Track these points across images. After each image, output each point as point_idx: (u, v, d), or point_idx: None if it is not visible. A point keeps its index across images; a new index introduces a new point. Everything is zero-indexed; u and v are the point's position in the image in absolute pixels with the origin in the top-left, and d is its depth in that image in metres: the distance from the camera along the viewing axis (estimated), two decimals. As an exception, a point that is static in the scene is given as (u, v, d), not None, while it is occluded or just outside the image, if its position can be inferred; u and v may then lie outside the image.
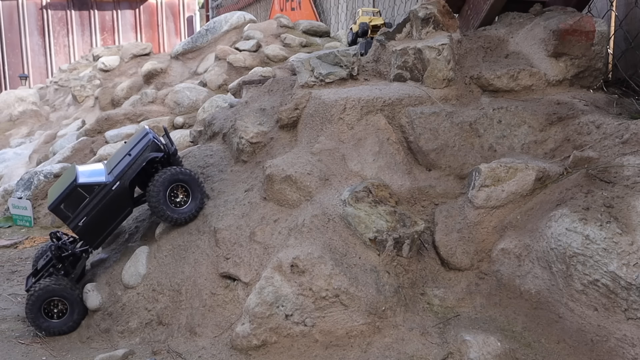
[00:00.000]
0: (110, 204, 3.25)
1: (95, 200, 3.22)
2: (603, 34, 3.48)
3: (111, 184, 3.24)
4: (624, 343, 2.23)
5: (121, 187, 3.25)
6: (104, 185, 3.23)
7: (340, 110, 3.25)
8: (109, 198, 3.24)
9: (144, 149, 3.32)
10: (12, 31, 17.37)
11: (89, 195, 3.20)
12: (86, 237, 3.30)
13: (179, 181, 3.29)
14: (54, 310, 3.27)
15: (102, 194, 3.23)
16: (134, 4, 18.52)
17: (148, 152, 3.31)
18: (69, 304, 3.26)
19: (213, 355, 2.69)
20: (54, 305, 3.27)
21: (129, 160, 3.29)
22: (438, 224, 2.89)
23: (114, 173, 3.28)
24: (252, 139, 3.61)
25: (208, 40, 8.75)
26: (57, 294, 3.24)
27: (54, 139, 8.79)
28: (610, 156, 2.75)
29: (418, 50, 3.46)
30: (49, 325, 3.25)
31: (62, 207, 3.20)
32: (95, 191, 3.22)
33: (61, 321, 3.27)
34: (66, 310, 3.27)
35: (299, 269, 2.66)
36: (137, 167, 3.28)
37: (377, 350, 2.52)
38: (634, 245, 2.29)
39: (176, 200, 3.30)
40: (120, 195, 3.26)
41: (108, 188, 3.23)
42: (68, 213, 3.21)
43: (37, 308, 3.22)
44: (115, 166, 3.34)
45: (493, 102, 3.33)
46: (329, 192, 2.99)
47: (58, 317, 3.27)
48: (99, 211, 3.23)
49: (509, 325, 2.49)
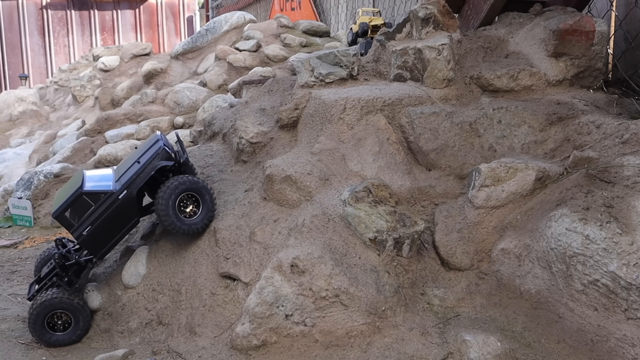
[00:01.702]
0: (117, 214, 3.11)
1: (100, 209, 3.08)
2: (603, 34, 3.48)
3: (118, 193, 3.10)
4: (624, 343, 2.23)
5: (128, 197, 3.10)
6: (111, 193, 3.10)
7: (340, 110, 3.25)
8: (115, 207, 3.10)
9: (153, 156, 3.17)
10: (12, 31, 17.38)
11: (95, 204, 3.08)
12: (90, 247, 3.17)
13: (189, 190, 3.12)
14: (57, 322, 3.16)
15: (108, 202, 3.09)
16: (134, 4, 18.52)
17: (158, 160, 3.16)
18: (72, 315, 3.15)
19: (213, 355, 2.69)
20: (57, 317, 3.16)
21: (138, 168, 3.14)
22: (438, 224, 2.89)
23: (122, 181, 3.15)
24: (252, 139, 3.61)
25: (208, 40, 8.75)
26: (59, 306, 3.13)
27: (54, 139, 8.79)
28: (610, 156, 2.75)
29: (418, 50, 3.46)
30: (57, 339, 3.14)
31: (67, 214, 3.08)
32: (101, 199, 3.08)
33: (67, 333, 3.16)
34: (71, 321, 3.16)
35: (299, 269, 2.66)
36: (145, 176, 3.13)
37: (377, 350, 2.52)
38: (634, 245, 2.29)
39: (186, 211, 3.15)
40: (127, 205, 3.12)
41: (114, 197, 3.09)
42: (72, 221, 3.08)
43: (41, 323, 3.12)
44: (123, 173, 3.20)
45: (493, 102, 3.33)
46: (329, 192, 2.99)
47: (63, 328, 3.16)
48: (104, 220, 3.09)
49: (509, 325, 2.49)
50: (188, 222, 3.13)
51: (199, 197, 3.15)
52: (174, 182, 3.10)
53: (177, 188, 3.09)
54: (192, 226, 3.14)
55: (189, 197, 3.15)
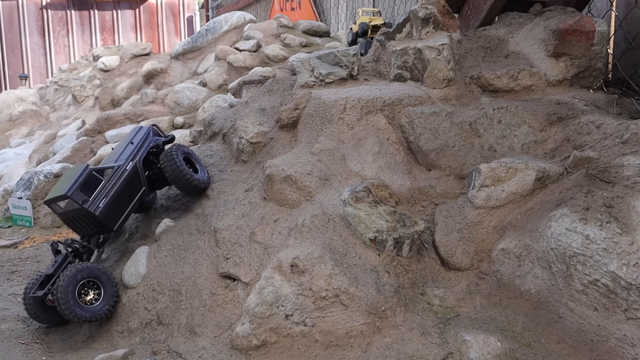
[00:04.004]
0: (126, 184, 3.33)
1: (111, 183, 3.29)
2: (603, 34, 3.48)
3: (124, 165, 3.34)
4: (624, 343, 2.23)
5: (134, 167, 3.36)
6: (118, 167, 3.33)
7: (340, 110, 3.25)
8: (125, 179, 3.32)
9: (146, 134, 3.49)
10: (12, 31, 17.38)
11: (104, 178, 3.29)
12: (108, 218, 3.29)
13: (185, 154, 3.49)
14: (86, 299, 3.13)
15: (117, 175, 3.31)
16: (134, 4, 18.52)
17: (151, 136, 3.50)
18: (102, 285, 3.16)
19: (213, 355, 2.69)
20: (85, 292, 3.13)
21: (134, 146, 3.42)
22: (438, 224, 2.89)
23: (122, 158, 3.38)
24: (252, 139, 3.61)
25: (208, 40, 8.75)
26: (88, 275, 3.12)
27: (54, 139, 8.79)
28: (610, 156, 2.74)
29: (418, 50, 3.46)
30: (90, 311, 3.08)
31: (80, 191, 3.22)
32: (110, 174, 3.31)
33: (97, 305, 3.12)
34: (101, 292, 3.15)
35: (299, 269, 2.66)
36: (145, 149, 3.44)
37: (377, 350, 2.52)
38: (634, 245, 2.29)
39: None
40: (135, 175, 3.36)
41: (122, 169, 3.33)
42: (86, 197, 3.22)
43: (72, 292, 3.05)
44: (119, 156, 3.42)
45: (493, 102, 3.33)
46: (329, 192, 2.99)
47: (91, 303, 3.13)
48: (116, 192, 3.29)
49: (509, 325, 2.49)
50: (196, 177, 3.48)
51: (195, 162, 3.54)
52: (175, 149, 3.44)
53: (180, 152, 3.44)
54: (202, 181, 3.53)
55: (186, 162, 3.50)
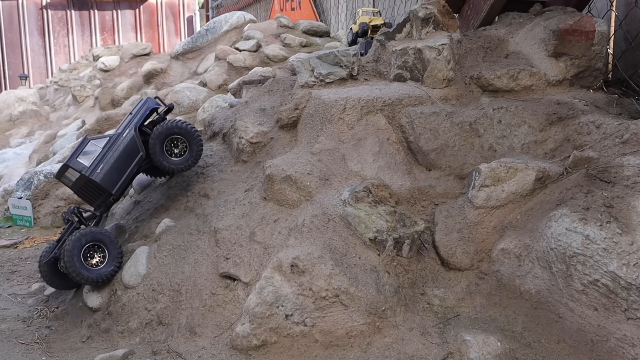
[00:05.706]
0: (124, 150, 3.43)
1: (109, 149, 3.41)
2: (603, 34, 3.48)
3: (121, 132, 3.47)
4: (624, 343, 2.23)
5: (131, 134, 3.46)
6: (115, 135, 3.46)
7: (340, 110, 3.25)
8: (122, 145, 3.43)
9: (143, 103, 3.61)
10: (12, 31, 17.37)
11: (101, 146, 3.42)
12: (107, 182, 3.40)
13: (174, 134, 3.50)
14: (91, 262, 3.30)
15: (114, 142, 3.43)
16: (134, 4, 18.52)
17: (148, 104, 3.60)
18: (106, 247, 3.32)
19: (213, 355, 2.69)
20: (90, 256, 3.30)
21: (132, 116, 3.54)
22: (438, 224, 2.89)
23: (120, 127, 3.52)
24: (252, 139, 3.61)
25: (208, 40, 8.74)
26: (92, 239, 3.29)
27: (54, 139, 8.79)
28: (610, 156, 2.74)
29: (418, 50, 3.46)
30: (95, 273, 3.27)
31: (79, 160, 3.37)
32: (108, 142, 3.43)
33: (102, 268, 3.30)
34: (105, 254, 3.31)
35: (299, 269, 2.66)
36: (142, 116, 3.53)
37: (377, 350, 2.52)
38: (634, 245, 2.29)
39: (175, 152, 3.51)
40: (132, 141, 3.46)
41: (118, 136, 3.45)
42: (85, 164, 3.36)
43: (78, 255, 3.24)
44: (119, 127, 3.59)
45: (493, 102, 3.33)
46: (329, 192, 2.99)
47: (96, 266, 3.31)
48: (114, 158, 3.41)
49: (509, 325, 2.49)
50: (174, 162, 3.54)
51: (186, 140, 3.54)
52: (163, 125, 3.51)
53: (165, 130, 3.48)
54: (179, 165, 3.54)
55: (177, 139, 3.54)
